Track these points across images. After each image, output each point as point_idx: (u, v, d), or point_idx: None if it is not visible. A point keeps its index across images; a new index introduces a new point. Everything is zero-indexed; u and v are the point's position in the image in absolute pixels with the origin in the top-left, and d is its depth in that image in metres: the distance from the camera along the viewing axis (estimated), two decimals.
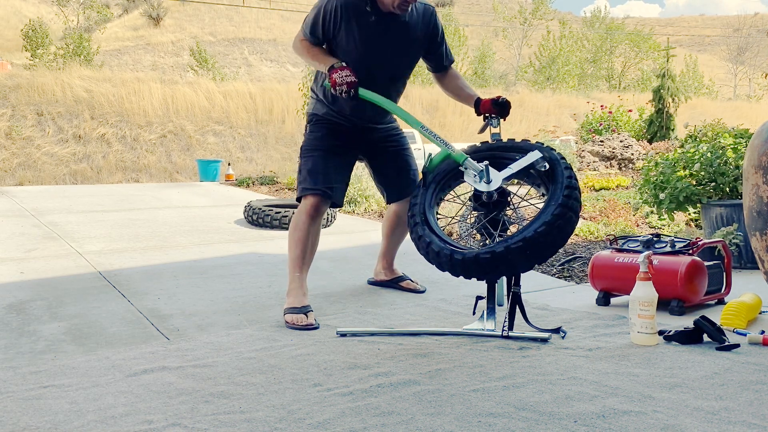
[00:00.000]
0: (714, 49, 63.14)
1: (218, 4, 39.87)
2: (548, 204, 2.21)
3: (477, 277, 2.21)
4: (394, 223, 3.14)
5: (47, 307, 2.89)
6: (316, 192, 2.74)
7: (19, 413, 1.67)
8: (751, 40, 55.24)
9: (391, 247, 3.24)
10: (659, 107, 12.33)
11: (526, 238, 2.10)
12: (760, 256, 2.33)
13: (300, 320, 2.55)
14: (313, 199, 2.74)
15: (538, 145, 2.42)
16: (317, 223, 2.78)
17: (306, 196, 2.76)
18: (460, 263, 2.18)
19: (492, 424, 1.52)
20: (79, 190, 7.79)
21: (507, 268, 2.19)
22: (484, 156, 2.45)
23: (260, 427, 1.54)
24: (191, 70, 31.18)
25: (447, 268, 2.23)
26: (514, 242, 2.12)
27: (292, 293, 2.70)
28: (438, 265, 2.27)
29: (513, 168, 2.36)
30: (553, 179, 2.29)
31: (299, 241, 2.73)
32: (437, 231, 2.34)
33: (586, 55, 40.39)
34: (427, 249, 2.28)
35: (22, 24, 32.02)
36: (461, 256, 2.17)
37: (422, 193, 2.47)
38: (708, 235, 3.85)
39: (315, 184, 2.75)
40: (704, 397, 1.67)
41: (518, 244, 2.11)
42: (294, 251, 2.75)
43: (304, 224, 2.74)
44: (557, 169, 2.29)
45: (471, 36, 38.74)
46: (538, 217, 2.17)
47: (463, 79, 2.98)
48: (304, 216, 2.74)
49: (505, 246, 2.12)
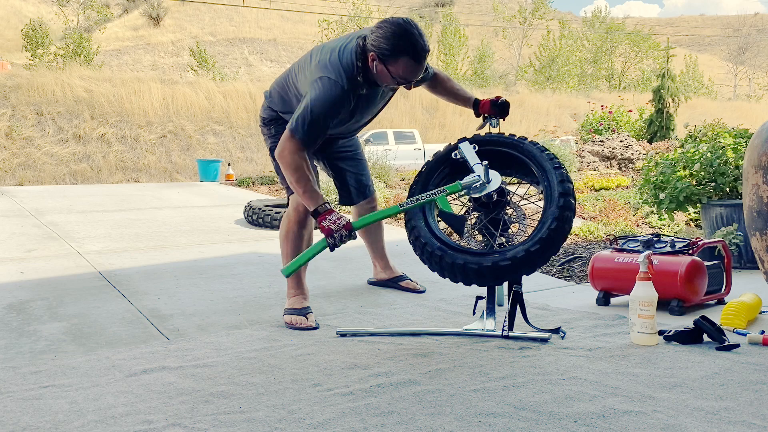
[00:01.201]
0: (714, 49, 63.15)
1: (218, 4, 39.87)
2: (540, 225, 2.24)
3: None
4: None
5: (47, 307, 2.89)
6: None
7: (19, 413, 1.67)
8: (751, 40, 55.23)
9: (375, 248, 3.22)
10: (659, 107, 12.33)
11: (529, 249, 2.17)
12: (760, 256, 2.32)
13: (299, 322, 2.54)
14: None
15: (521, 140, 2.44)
16: (309, 222, 2.72)
17: (294, 195, 2.69)
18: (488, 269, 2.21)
19: (492, 424, 1.52)
20: (79, 190, 7.79)
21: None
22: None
23: (260, 427, 1.54)
24: (191, 70, 31.16)
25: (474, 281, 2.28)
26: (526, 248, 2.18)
27: (292, 294, 2.69)
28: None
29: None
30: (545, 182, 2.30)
31: (293, 250, 2.69)
32: (447, 241, 2.34)
33: (586, 55, 40.39)
34: (441, 263, 2.30)
35: (22, 24, 32.02)
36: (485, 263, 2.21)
37: (420, 216, 2.41)
38: (708, 235, 3.85)
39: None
40: (704, 397, 1.67)
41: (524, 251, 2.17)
42: (291, 256, 2.69)
43: (295, 227, 2.69)
44: (544, 165, 2.32)
45: (471, 36, 38.73)
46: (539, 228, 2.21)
47: (454, 81, 2.91)
48: (294, 218, 2.69)
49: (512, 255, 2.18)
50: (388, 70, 2.34)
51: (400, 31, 2.30)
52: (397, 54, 2.31)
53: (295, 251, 2.69)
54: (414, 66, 2.34)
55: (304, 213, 2.68)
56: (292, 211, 2.71)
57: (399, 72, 2.34)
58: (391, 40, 2.29)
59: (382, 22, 2.35)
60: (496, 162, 2.41)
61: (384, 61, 2.33)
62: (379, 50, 2.32)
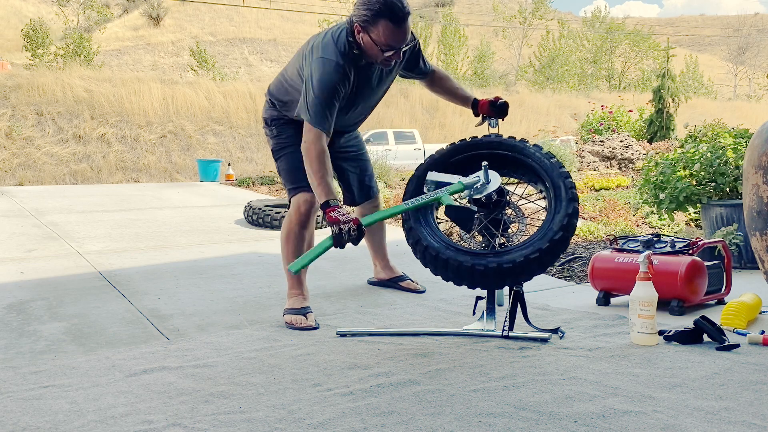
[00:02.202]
0: (714, 49, 63.14)
1: (218, 4, 39.87)
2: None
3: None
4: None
5: (47, 307, 2.89)
6: (306, 188, 2.58)
7: (19, 413, 1.67)
8: (751, 40, 55.22)
9: (376, 248, 3.22)
10: (659, 107, 12.33)
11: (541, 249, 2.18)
12: (760, 256, 2.32)
13: (299, 321, 2.54)
14: (304, 195, 2.65)
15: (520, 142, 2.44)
16: (311, 223, 2.70)
17: (295, 195, 2.67)
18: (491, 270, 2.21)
19: (492, 424, 1.52)
20: (79, 190, 7.79)
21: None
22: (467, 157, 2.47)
23: (260, 427, 1.54)
24: (191, 70, 31.17)
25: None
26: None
27: (292, 294, 2.69)
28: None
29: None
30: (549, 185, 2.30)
31: (294, 252, 2.66)
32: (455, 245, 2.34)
33: (586, 55, 40.39)
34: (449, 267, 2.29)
35: (22, 24, 32.02)
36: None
37: (421, 219, 2.39)
38: (708, 235, 3.85)
39: (301, 180, 2.59)
40: (704, 397, 1.67)
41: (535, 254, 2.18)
42: (291, 257, 2.67)
43: (297, 227, 2.67)
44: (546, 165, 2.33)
45: (471, 36, 38.71)
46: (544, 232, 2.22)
47: (453, 80, 2.91)
48: (296, 218, 2.67)
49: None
50: (372, 38, 2.37)
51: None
52: (375, 17, 2.34)
53: (296, 252, 2.67)
54: (395, 30, 2.35)
55: (305, 214, 2.67)
56: (293, 211, 2.70)
57: (381, 38, 2.36)
58: (368, 4, 2.34)
59: None
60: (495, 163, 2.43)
61: (366, 29, 2.37)
62: (360, 18, 2.37)
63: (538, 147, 2.42)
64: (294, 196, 2.68)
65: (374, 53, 2.42)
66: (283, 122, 2.75)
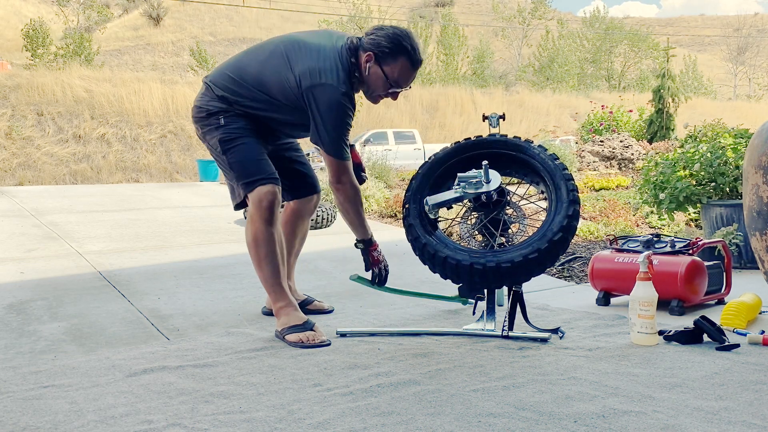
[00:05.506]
0: (714, 49, 63.11)
1: (218, 4, 39.86)
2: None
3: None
4: (292, 221, 2.75)
5: (47, 307, 2.89)
6: (265, 179, 2.36)
7: (19, 413, 1.67)
8: (751, 40, 55.20)
9: (290, 262, 2.79)
10: (659, 107, 12.33)
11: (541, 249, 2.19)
12: (760, 256, 2.32)
13: (311, 338, 2.26)
14: (265, 187, 2.35)
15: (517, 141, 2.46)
16: (276, 218, 2.39)
17: (254, 189, 2.35)
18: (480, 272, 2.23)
19: (492, 424, 1.52)
20: (79, 190, 7.79)
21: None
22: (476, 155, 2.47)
23: (260, 427, 1.54)
24: (191, 70, 31.14)
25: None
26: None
27: (283, 311, 2.36)
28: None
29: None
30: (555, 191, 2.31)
31: (268, 256, 2.37)
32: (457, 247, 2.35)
33: (585, 55, 40.39)
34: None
35: (22, 24, 31.97)
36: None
37: (421, 226, 2.38)
38: (708, 235, 3.85)
39: (259, 173, 2.36)
40: (704, 397, 1.67)
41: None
42: (266, 269, 2.38)
43: (263, 226, 2.34)
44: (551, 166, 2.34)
45: (471, 36, 38.71)
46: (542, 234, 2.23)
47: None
48: (258, 215, 2.34)
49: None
50: (383, 71, 2.35)
51: (402, 33, 2.37)
52: (396, 53, 2.34)
53: (270, 256, 2.37)
54: (410, 70, 2.39)
55: (268, 208, 2.35)
56: (254, 210, 2.36)
57: (395, 74, 2.36)
58: (393, 39, 2.34)
59: (381, 26, 2.40)
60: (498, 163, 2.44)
61: (381, 61, 2.35)
62: (378, 48, 2.33)
63: (543, 148, 2.43)
64: (251, 191, 2.36)
65: (377, 85, 2.38)
66: (233, 114, 2.42)
